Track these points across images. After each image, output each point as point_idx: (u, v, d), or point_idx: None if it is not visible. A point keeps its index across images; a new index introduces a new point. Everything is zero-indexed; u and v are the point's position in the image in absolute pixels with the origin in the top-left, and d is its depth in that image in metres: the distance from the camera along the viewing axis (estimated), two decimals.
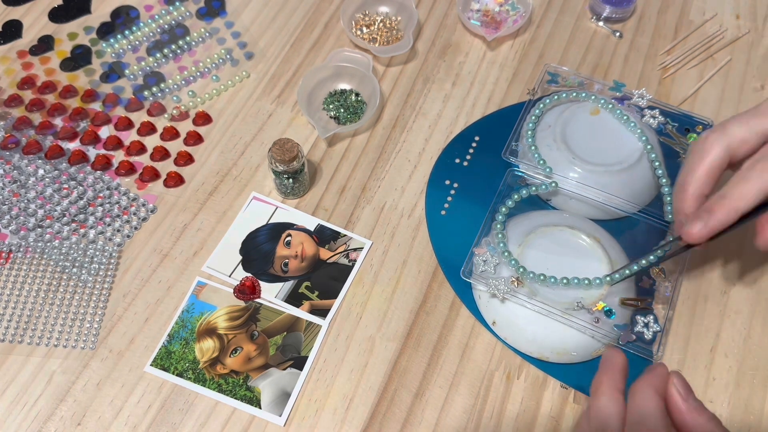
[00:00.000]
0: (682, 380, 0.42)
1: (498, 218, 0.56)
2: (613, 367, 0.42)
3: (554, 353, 0.52)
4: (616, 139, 0.59)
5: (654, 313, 0.52)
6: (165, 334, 0.53)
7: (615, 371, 0.42)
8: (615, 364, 0.42)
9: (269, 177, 0.62)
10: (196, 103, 0.67)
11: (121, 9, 0.74)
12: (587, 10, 0.74)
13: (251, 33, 0.72)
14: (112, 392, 0.51)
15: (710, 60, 0.70)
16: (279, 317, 0.54)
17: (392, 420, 0.50)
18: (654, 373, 0.41)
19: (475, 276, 0.53)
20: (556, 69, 0.65)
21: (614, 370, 0.42)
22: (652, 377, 0.41)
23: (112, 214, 0.59)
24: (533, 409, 0.51)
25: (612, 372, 0.42)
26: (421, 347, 0.53)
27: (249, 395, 0.51)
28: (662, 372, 0.41)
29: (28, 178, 0.61)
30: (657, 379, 0.41)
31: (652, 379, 0.41)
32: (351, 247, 0.58)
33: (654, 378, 0.41)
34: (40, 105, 0.66)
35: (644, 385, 0.41)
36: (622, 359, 0.42)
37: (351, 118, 0.65)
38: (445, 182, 0.61)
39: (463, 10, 0.71)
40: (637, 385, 0.41)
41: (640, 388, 0.41)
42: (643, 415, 0.40)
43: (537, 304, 0.51)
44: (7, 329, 0.54)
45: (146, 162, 0.63)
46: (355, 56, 0.68)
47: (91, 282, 0.56)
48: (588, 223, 0.56)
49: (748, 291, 0.56)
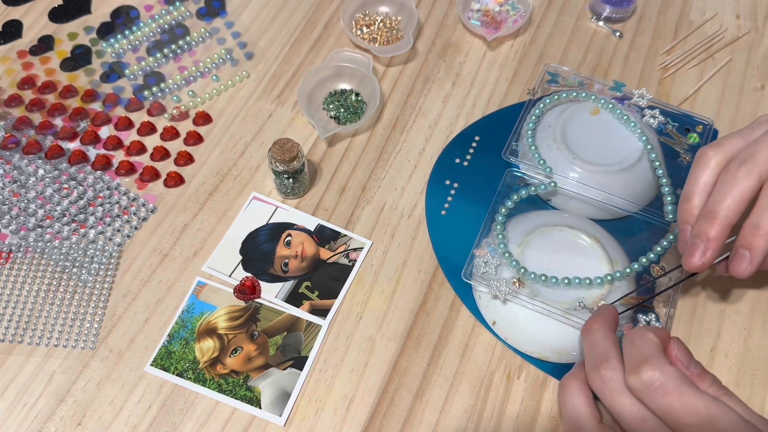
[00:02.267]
0: (682, 349, 0.44)
1: (498, 218, 0.56)
2: (606, 313, 0.47)
3: (555, 353, 0.52)
4: (616, 139, 0.59)
5: (655, 311, 0.52)
6: (165, 334, 0.53)
7: (608, 317, 0.47)
8: (608, 312, 0.47)
9: (269, 177, 0.62)
10: (196, 103, 0.67)
11: (121, 9, 0.74)
12: (587, 10, 0.74)
13: (251, 33, 0.72)
14: (113, 392, 0.51)
15: (710, 60, 0.70)
16: (279, 317, 0.54)
17: (392, 420, 0.50)
18: (600, 314, 0.48)
19: (476, 277, 0.53)
20: (556, 69, 0.65)
21: (607, 316, 0.47)
22: (602, 318, 0.47)
23: (112, 214, 0.59)
24: (533, 409, 0.51)
25: (605, 317, 0.47)
26: (422, 347, 0.53)
27: (249, 395, 0.51)
28: (610, 314, 0.47)
29: (28, 178, 0.61)
30: (609, 319, 0.47)
31: (603, 319, 0.47)
32: (351, 247, 0.58)
33: (604, 318, 0.47)
34: (40, 105, 0.66)
35: (597, 327, 0.46)
36: (613, 310, 0.48)
37: (351, 118, 0.65)
38: (445, 182, 0.61)
39: (463, 10, 0.71)
40: (591, 325, 0.46)
41: (593, 327, 0.46)
42: (607, 356, 0.43)
43: (538, 304, 0.51)
44: (7, 329, 0.54)
45: (146, 162, 0.63)
46: (355, 56, 0.68)
47: (91, 282, 0.56)
48: (588, 223, 0.56)
49: (748, 291, 0.56)
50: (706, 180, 0.47)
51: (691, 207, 0.47)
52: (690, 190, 0.47)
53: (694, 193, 0.47)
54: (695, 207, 0.47)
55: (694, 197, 0.47)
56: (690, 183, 0.48)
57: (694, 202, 0.47)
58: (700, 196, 0.47)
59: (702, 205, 0.47)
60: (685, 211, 0.48)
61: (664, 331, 0.43)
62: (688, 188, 0.48)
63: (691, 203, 0.47)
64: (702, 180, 0.47)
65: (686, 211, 0.48)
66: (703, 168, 0.47)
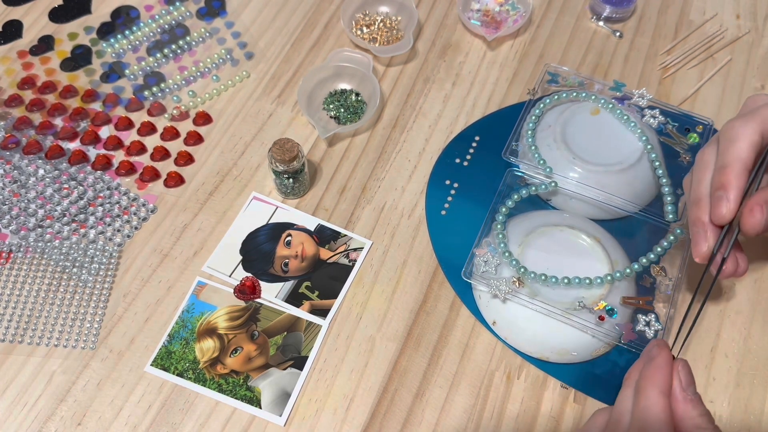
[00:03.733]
0: (686, 369, 0.42)
1: (498, 218, 0.56)
2: (658, 365, 0.41)
3: (555, 353, 0.52)
4: (616, 139, 0.59)
5: (655, 311, 0.52)
6: (165, 334, 0.53)
7: (661, 370, 0.41)
8: (658, 363, 0.41)
9: (269, 177, 0.62)
10: (196, 103, 0.67)
11: (121, 9, 0.74)
12: (587, 10, 0.74)
13: (251, 33, 0.72)
14: (113, 392, 0.51)
15: (710, 60, 0.70)
16: (279, 317, 0.54)
17: (392, 420, 0.50)
18: (657, 367, 0.41)
19: (476, 277, 0.53)
20: (556, 69, 0.65)
21: (659, 367, 0.41)
22: (656, 374, 0.41)
23: (112, 214, 0.59)
24: (533, 409, 0.51)
25: (658, 370, 0.41)
26: (422, 347, 0.53)
27: (249, 395, 0.51)
28: (664, 365, 0.41)
29: (29, 178, 0.61)
30: (661, 377, 0.40)
31: (656, 378, 0.40)
32: (351, 247, 0.58)
33: (658, 375, 0.41)
34: (41, 105, 0.66)
35: (649, 385, 0.40)
36: (666, 356, 0.41)
37: (351, 118, 0.65)
38: (445, 182, 0.61)
39: (463, 10, 0.71)
40: (642, 384, 0.41)
41: (645, 388, 0.40)
42: (647, 421, 0.40)
43: (538, 304, 0.51)
44: (8, 329, 0.54)
45: (146, 162, 0.63)
46: (355, 56, 0.68)
47: (92, 282, 0.56)
48: (588, 223, 0.56)
49: (748, 291, 0.56)
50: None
51: (704, 205, 0.45)
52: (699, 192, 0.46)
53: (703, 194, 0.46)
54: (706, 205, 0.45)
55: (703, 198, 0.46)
56: (696, 185, 0.46)
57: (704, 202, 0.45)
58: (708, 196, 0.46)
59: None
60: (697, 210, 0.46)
61: (663, 359, 0.41)
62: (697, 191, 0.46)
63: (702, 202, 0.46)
64: (706, 179, 0.46)
65: (700, 210, 0.46)
66: (705, 170, 0.46)
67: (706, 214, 0.45)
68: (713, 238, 0.45)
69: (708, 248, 0.45)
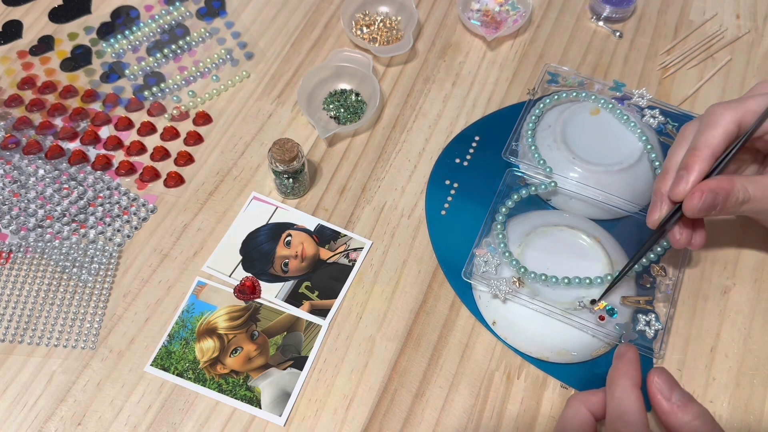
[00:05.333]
0: (663, 377, 0.42)
1: (498, 218, 0.56)
2: (627, 360, 0.45)
3: (554, 353, 0.52)
4: (616, 139, 0.59)
5: (655, 311, 0.52)
6: (165, 334, 0.53)
7: (631, 364, 0.45)
8: (629, 358, 0.45)
9: (269, 177, 0.62)
10: (196, 103, 0.67)
11: (121, 9, 0.74)
12: (587, 10, 0.74)
13: (251, 33, 0.72)
14: (113, 392, 0.51)
15: (710, 60, 0.70)
16: (279, 317, 0.54)
17: (392, 420, 0.50)
18: (627, 362, 0.44)
19: (477, 277, 0.53)
20: (556, 69, 0.65)
21: (630, 362, 0.45)
22: (626, 367, 0.44)
23: (112, 214, 0.59)
24: (533, 409, 0.51)
25: (628, 364, 0.44)
26: (421, 347, 0.53)
27: (249, 395, 0.51)
28: (634, 360, 0.44)
29: (29, 178, 0.61)
30: (631, 369, 0.44)
31: (626, 370, 0.44)
32: (351, 247, 0.58)
33: (628, 368, 0.44)
34: (41, 105, 0.66)
35: (621, 377, 0.43)
36: (634, 353, 0.45)
37: (351, 118, 0.65)
38: (445, 182, 0.61)
39: (463, 10, 0.71)
40: (615, 376, 0.44)
41: (618, 379, 0.43)
42: (623, 411, 0.41)
43: (539, 304, 0.51)
44: (8, 329, 0.54)
45: (146, 162, 0.63)
46: (355, 56, 0.68)
47: (92, 282, 0.56)
48: (588, 223, 0.56)
49: (748, 291, 0.56)
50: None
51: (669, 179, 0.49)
52: (667, 167, 0.49)
53: (669, 168, 0.49)
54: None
55: (670, 171, 0.49)
56: (668, 160, 0.49)
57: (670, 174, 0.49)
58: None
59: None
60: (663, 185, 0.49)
61: (632, 354, 0.45)
62: (667, 164, 0.49)
63: (668, 175, 0.49)
64: (679, 155, 0.49)
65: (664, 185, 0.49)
66: (681, 145, 0.49)
67: (666, 187, 0.48)
68: (666, 209, 0.48)
69: (659, 217, 0.49)
